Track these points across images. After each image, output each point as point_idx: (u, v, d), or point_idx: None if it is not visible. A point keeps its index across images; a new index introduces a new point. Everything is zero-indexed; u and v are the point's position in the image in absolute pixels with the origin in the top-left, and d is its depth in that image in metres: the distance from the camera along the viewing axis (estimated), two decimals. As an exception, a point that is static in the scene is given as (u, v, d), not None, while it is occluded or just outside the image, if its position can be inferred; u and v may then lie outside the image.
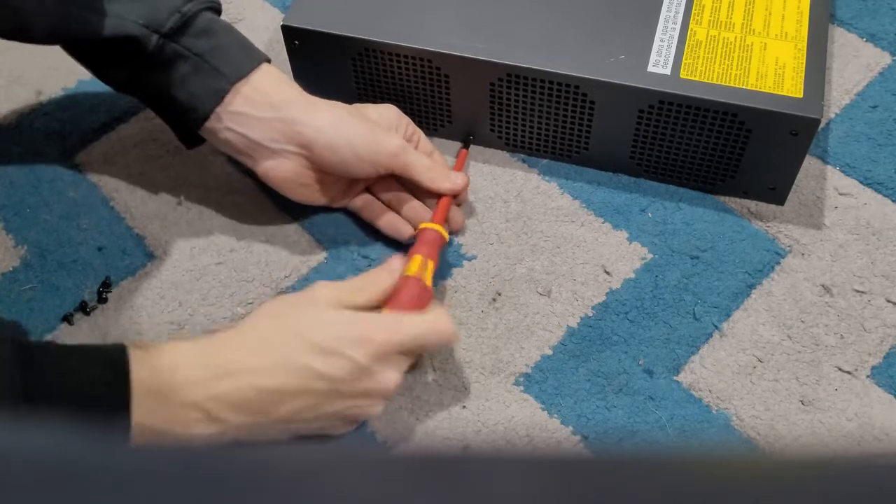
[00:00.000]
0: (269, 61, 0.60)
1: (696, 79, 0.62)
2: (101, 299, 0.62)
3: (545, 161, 0.69)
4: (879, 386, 0.57)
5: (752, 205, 0.66)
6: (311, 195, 0.62)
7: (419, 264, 0.56)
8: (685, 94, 0.61)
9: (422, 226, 0.60)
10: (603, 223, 0.65)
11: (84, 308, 0.61)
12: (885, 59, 0.75)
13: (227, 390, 0.47)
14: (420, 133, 0.64)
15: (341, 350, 0.49)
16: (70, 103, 0.74)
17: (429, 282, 0.56)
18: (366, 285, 0.53)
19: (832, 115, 0.71)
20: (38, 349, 0.46)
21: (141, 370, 0.45)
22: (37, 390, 0.43)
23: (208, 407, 0.47)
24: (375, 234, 0.65)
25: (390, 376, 0.51)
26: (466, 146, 0.69)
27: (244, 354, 0.48)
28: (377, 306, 0.53)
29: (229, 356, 0.48)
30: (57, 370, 0.44)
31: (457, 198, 0.63)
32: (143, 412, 0.45)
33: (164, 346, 0.48)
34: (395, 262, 0.55)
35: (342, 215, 0.66)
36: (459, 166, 0.66)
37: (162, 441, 0.46)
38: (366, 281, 0.53)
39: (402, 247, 0.64)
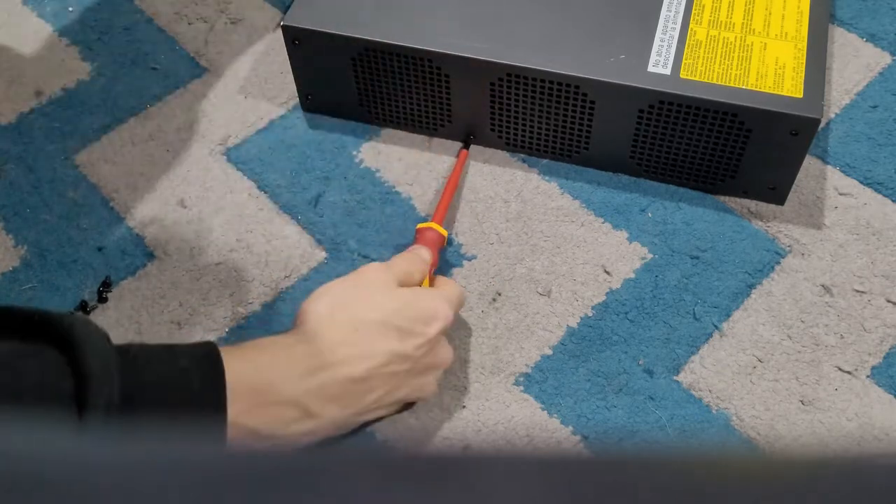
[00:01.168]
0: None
1: (696, 79, 0.62)
2: (101, 299, 0.62)
3: (545, 161, 0.69)
4: (879, 386, 0.57)
5: (752, 205, 0.66)
6: None
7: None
8: (685, 94, 0.61)
9: (421, 225, 0.60)
10: (603, 223, 0.65)
11: (84, 308, 0.61)
12: (885, 59, 0.75)
13: (323, 383, 0.48)
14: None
15: (418, 328, 0.51)
16: (70, 103, 0.74)
17: (426, 284, 0.57)
18: (413, 270, 0.55)
19: (832, 115, 0.71)
20: (133, 347, 0.45)
21: (241, 367, 0.46)
22: (135, 389, 0.42)
23: (306, 402, 0.47)
24: (375, 234, 0.65)
25: (448, 347, 0.54)
26: (467, 146, 0.69)
27: (332, 346, 0.49)
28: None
29: (318, 349, 0.49)
30: (152, 368, 0.44)
31: None
32: (239, 410, 0.45)
33: (257, 343, 0.49)
34: (424, 252, 0.57)
35: (342, 215, 0.67)
36: (459, 167, 0.66)
37: (250, 443, 0.46)
38: (412, 264, 0.55)
39: (404, 247, 0.64)
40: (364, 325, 0.50)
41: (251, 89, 0.75)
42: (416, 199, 0.67)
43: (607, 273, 0.63)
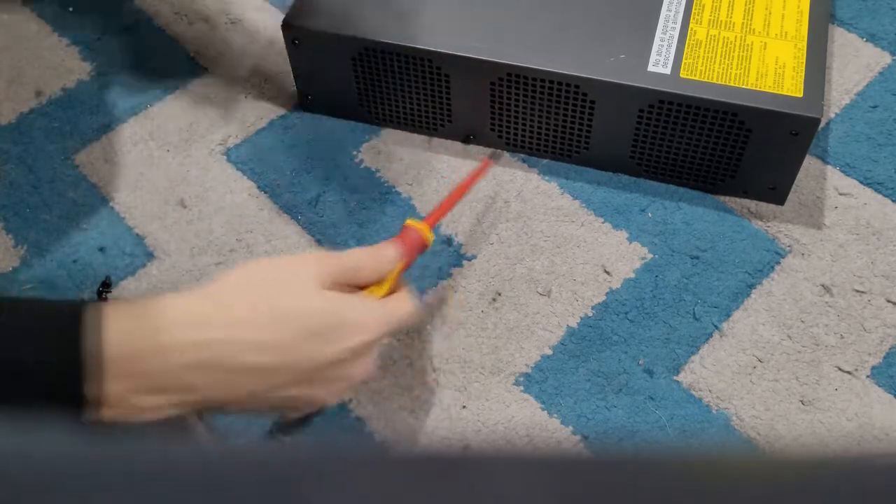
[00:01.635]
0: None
1: (696, 78, 0.62)
2: (101, 299, 0.62)
3: (545, 161, 0.69)
4: (879, 386, 0.57)
5: (752, 205, 0.66)
6: None
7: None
8: (685, 93, 0.61)
9: (409, 222, 0.54)
10: (603, 223, 0.65)
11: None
12: (885, 59, 0.75)
13: (212, 358, 0.42)
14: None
15: (332, 336, 0.45)
16: (70, 103, 0.74)
17: (385, 286, 0.51)
18: (362, 269, 0.49)
19: (832, 115, 0.71)
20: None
21: (117, 328, 0.41)
22: None
23: (189, 376, 0.42)
24: (375, 234, 0.65)
25: (367, 366, 0.48)
26: (492, 156, 0.65)
27: (233, 323, 0.44)
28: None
29: (218, 319, 0.43)
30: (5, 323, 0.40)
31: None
32: (112, 377, 0.40)
33: (151, 301, 0.43)
34: (391, 251, 0.51)
35: (342, 215, 0.67)
36: (478, 175, 0.60)
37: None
38: (363, 263, 0.49)
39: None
40: (273, 314, 0.44)
41: (251, 89, 0.75)
42: (416, 199, 0.67)
43: (607, 273, 0.63)
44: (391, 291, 0.51)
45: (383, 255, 0.50)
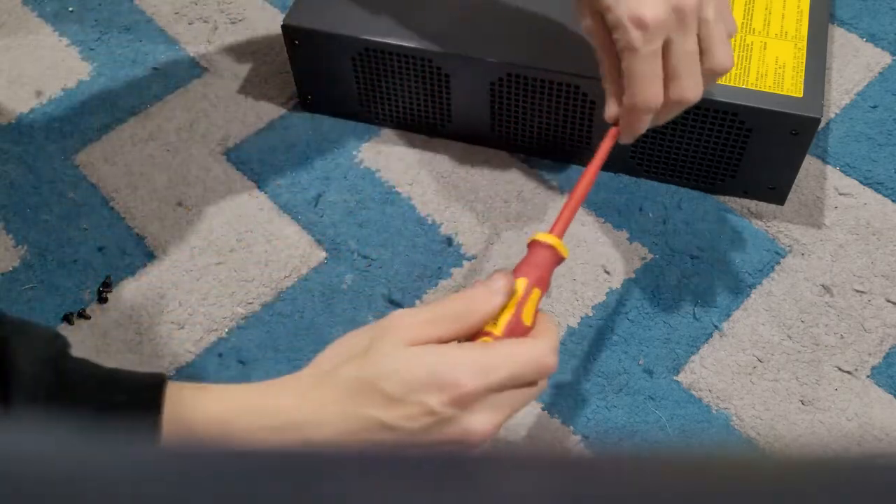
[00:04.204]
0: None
1: (696, 79, 0.61)
2: (101, 299, 0.62)
3: (545, 161, 0.69)
4: (879, 386, 0.57)
5: (752, 205, 0.66)
6: None
7: (521, 294, 0.43)
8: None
9: (535, 237, 0.45)
10: (603, 223, 0.65)
11: (83, 314, 0.61)
12: (885, 59, 0.75)
13: (295, 443, 0.40)
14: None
15: (413, 397, 0.40)
16: (70, 103, 0.74)
17: (529, 319, 0.43)
18: (456, 315, 0.42)
19: (832, 115, 0.71)
20: (74, 375, 0.41)
21: (192, 414, 0.40)
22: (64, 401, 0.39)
23: None
24: (375, 234, 0.65)
25: (483, 420, 0.41)
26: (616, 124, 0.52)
27: (306, 403, 0.41)
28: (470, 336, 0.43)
29: (289, 405, 0.41)
30: (90, 395, 0.40)
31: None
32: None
33: (214, 388, 0.42)
34: (502, 283, 0.43)
35: (342, 215, 0.67)
36: (604, 152, 0.51)
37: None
38: (457, 309, 0.43)
39: (404, 247, 0.64)
40: (350, 385, 0.41)
41: (251, 89, 0.75)
42: (416, 199, 0.67)
43: (607, 273, 0.63)
44: (525, 328, 0.43)
45: (491, 284, 0.43)
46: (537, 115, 0.66)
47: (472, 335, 0.43)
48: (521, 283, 0.43)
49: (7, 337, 0.39)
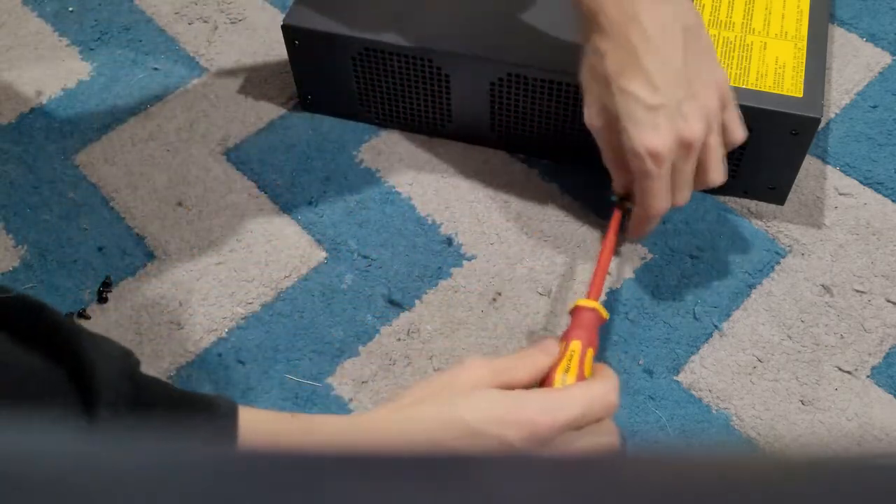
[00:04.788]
0: None
1: (696, 79, 0.62)
2: (101, 299, 0.62)
3: (545, 161, 0.69)
4: (879, 386, 0.57)
5: (752, 205, 0.66)
6: None
7: (578, 352, 0.50)
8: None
9: (577, 303, 0.52)
10: (603, 223, 0.65)
11: (83, 314, 0.61)
12: (885, 59, 0.75)
13: None
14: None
15: (493, 430, 0.44)
16: (70, 103, 0.74)
17: (588, 372, 0.50)
18: (521, 365, 0.48)
19: (832, 115, 0.71)
20: (147, 384, 0.42)
21: (256, 438, 0.43)
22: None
23: None
24: (375, 234, 0.65)
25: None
26: (621, 208, 0.59)
27: (390, 437, 0.45)
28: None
29: (374, 439, 0.45)
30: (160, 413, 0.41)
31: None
32: None
33: (313, 417, 0.46)
34: (552, 345, 0.50)
35: (342, 215, 0.67)
36: (614, 230, 0.58)
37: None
38: (521, 361, 0.49)
39: (404, 247, 0.64)
40: (436, 420, 0.45)
41: (251, 89, 0.75)
42: (416, 199, 0.67)
43: (607, 273, 0.63)
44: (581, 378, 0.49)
45: (542, 346, 0.50)
46: (537, 115, 0.66)
47: (532, 387, 0.48)
48: (576, 345, 0.50)
49: (87, 350, 0.39)
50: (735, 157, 0.63)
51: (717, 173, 0.56)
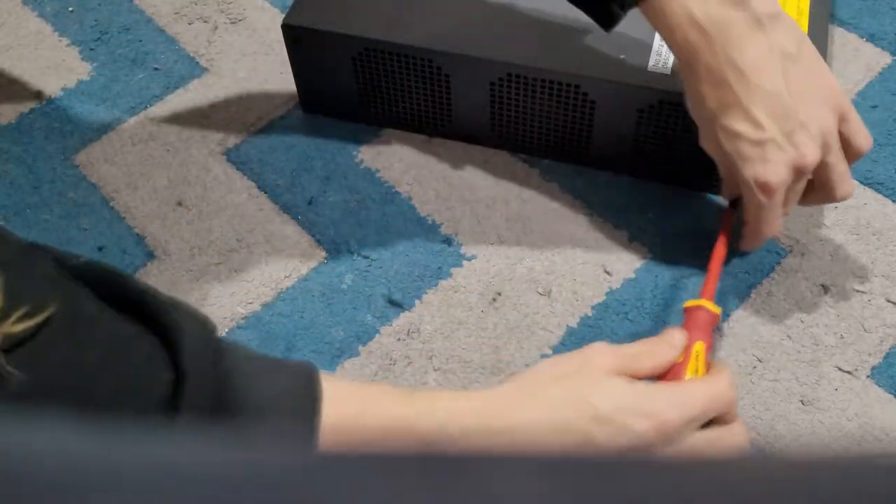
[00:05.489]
0: None
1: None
2: (102, 299, 0.62)
3: (545, 161, 0.69)
4: (879, 386, 0.57)
5: (752, 205, 0.66)
6: None
7: (701, 355, 0.51)
8: (685, 93, 0.61)
9: (689, 304, 0.54)
10: (603, 223, 0.65)
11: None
12: (885, 59, 0.75)
13: (502, 445, 0.45)
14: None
15: (620, 418, 0.45)
16: (70, 103, 0.74)
17: (702, 370, 0.51)
18: (646, 355, 0.49)
19: (832, 115, 0.71)
20: (229, 350, 0.42)
21: (415, 417, 0.44)
22: (226, 395, 0.40)
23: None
24: (375, 234, 0.65)
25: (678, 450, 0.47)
26: (733, 206, 0.60)
27: (524, 411, 0.46)
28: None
29: (509, 412, 0.46)
30: (246, 376, 0.41)
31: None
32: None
33: (439, 394, 0.46)
34: (677, 337, 0.51)
35: (342, 215, 0.67)
36: (726, 231, 0.59)
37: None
38: (647, 351, 0.50)
39: (404, 247, 0.64)
40: (568, 402, 0.45)
41: (251, 89, 0.75)
42: (416, 199, 0.67)
43: (607, 273, 0.63)
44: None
45: (664, 341, 0.51)
46: (537, 115, 0.66)
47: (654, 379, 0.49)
48: (700, 346, 0.51)
49: (176, 321, 0.39)
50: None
51: (843, 189, 0.56)
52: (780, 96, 0.52)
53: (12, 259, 0.37)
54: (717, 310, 0.53)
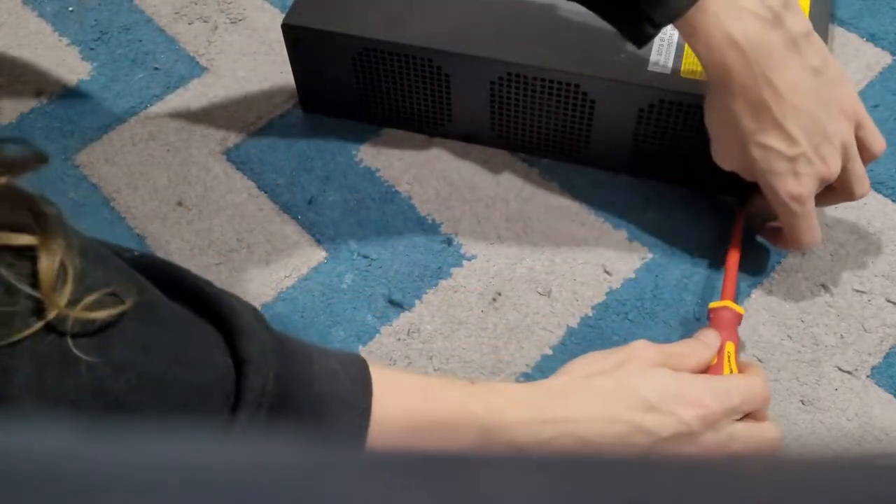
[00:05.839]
0: None
1: (697, 77, 0.62)
2: (102, 299, 0.62)
3: (545, 161, 0.69)
4: (879, 386, 0.57)
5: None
6: None
7: (732, 355, 0.54)
8: (686, 92, 0.61)
9: (714, 304, 0.57)
10: (603, 223, 0.65)
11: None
12: (885, 58, 0.75)
13: (550, 436, 0.47)
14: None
15: (671, 409, 0.47)
16: (70, 103, 0.74)
17: (734, 369, 0.54)
18: (687, 355, 0.52)
19: (832, 115, 0.71)
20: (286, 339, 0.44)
21: (475, 406, 0.46)
22: (288, 383, 0.41)
23: (529, 451, 0.46)
24: (375, 234, 0.65)
25: (711, 441, 0.49)
26: (743, 203, 0.64)
27: (576, 402, 0.48)
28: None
29: (563, 402, 0.48)
30: (304, 362, 0.43)
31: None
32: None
33: (495, 384, 0.48)
34: (713, 337, 0.54)
35: (342, 215, 0.67)
36: (738, 232, 0.62)
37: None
38: (690, 350, 0.53)
39: (404, 247, 0.64)
40: (617, 392, 0.48)
41: (251, 89, 0.75)
42: (416, 199, 0.67)
43: (607, 273, 0.63)
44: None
45: (704, 341, 0.54)
46: (537, 115, 0.66)
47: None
48: (731, 347, 0.54)
49: (237, 315, 0.40)
50: (735, 156, 0.63)
51: (861, 190, 0.58)
52: (812, 113, 0.53)
53: (83, 248, 0.39)
54: (740, 310, 0.56)
